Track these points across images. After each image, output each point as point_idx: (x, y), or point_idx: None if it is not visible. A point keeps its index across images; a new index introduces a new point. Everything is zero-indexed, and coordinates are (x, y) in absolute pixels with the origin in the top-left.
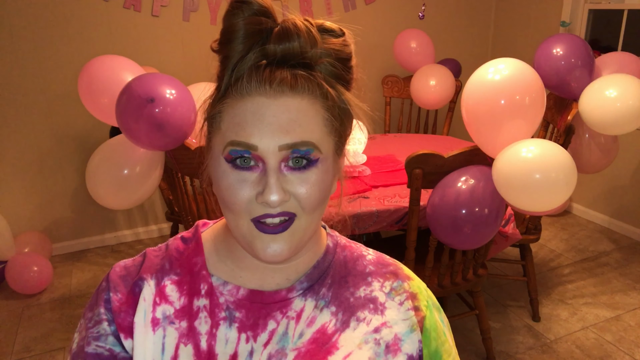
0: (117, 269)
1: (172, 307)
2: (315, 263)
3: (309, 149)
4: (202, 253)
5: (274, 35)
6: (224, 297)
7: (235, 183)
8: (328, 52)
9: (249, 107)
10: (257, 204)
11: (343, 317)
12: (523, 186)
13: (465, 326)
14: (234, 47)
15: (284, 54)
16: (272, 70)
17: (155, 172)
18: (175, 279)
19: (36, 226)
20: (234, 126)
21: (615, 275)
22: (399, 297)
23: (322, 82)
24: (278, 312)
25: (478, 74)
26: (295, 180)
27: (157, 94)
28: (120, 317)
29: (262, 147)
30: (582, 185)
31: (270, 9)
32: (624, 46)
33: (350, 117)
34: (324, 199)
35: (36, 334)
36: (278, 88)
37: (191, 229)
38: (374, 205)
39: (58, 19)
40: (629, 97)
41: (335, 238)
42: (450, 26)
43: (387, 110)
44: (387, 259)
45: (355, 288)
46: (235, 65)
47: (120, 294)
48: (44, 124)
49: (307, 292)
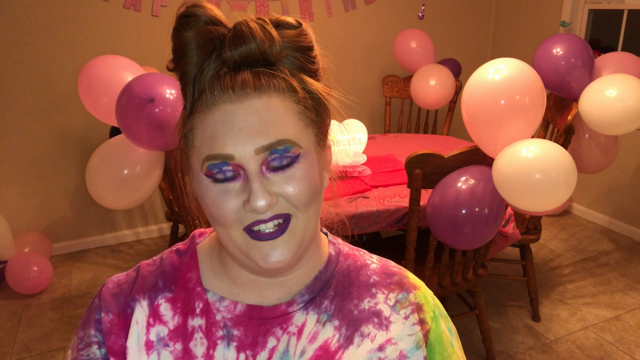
0: (109, 285)
1: (166, 328)
2: (317, 273)
3: (286, 147)
4: (197, 268)
5: (228, 41)
6: (220, 314)
7: (220, 196)
8: (287, 46)
9: (217, 117)
10: (245, 212)
11: (347, 332)
12: (523, 186)
13: (465, 326)
14: (188, 61)
15: (242, 56)
16: (233, 75)
17: (155, 172)
18: (169, 296)
19: (36, 226)
20: (207, 140)
21: (615, 275)
22: (404, 311)
23: (287, 77)
24: (278, 327)
25: (478, 74)
26: (280, 180)
27: (157, 94)
28: (111, 339)
29: (238, 155)
30: (582, 185)
31: (219, 17)
32: (624, 46)
33: (324, 107)
34: (315, 194)
35: (36, 334)
36: (242, 92)
37: (187, 240)
38: (374, 205)
39: (58, 19)
40: (629, 97)
41: (337, 246)
42: (450, 26)
43: (387, 110)
44: (391, 267)
45: (359, 300)
46: (195, 79)
47: (112, 314)
48: (44, 124)
49: (309, 305)
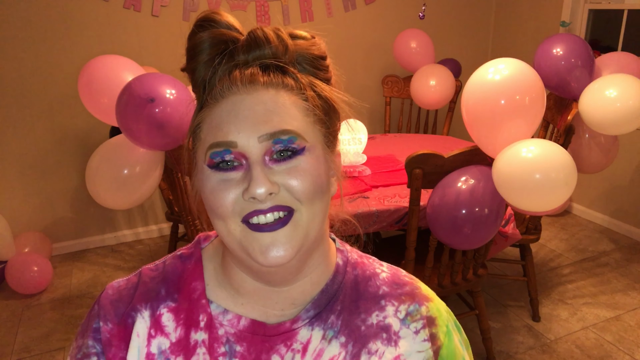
0: (109, 292)
1: (167, 340)
2: (324, 286)
3: (291, 137)
4: (202, 276)
5: (243, 45)
6: (223, 329)
7: (220, 184)
8: (300, 53)
9: (224, 108)
10: (244, 201)
11: (353, 349)
12: (523, 186)
13: (465, 326)
14: (200, 59)
15: (254, 60)
16: (242, 69)
17: (155, 172)
18: (172, 305)
19: (36, 226)
20: (212, 129)
21: (615, 275)
22: (415, 325)
23: (296, 76)
24: (282, 345)
25: (478, 74)
26: (283, 170)
27: (157, 94)
28: (111, 351)
29: (241, 142)
30: (582, 185)
31: (235, 24)
32: (624, 46)
33: (334, 109)
34: (321, 190)
35: (36, 334)
36: (250, 85)
37: (191, 244)
38: (374, 205)
39: (58, 19)
40: (629, 97)
41: (345, 254)
42: (450, 26)
43: (387, 110)
44: (402, 276)
45: (367, 314)
46: (206, 78)
47: (111, 323)
48: (44, 123)
49: (314, 321)
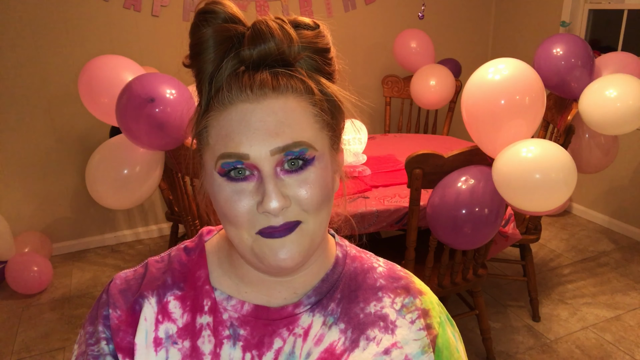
0: (117, 282)
1: (175, 326)
2: (324, 276)
3: (302, 149)
4: (206, 266)
5: (247, 39)
6: (227, 313)
7: (233, 195)
8: (305, 47)
9: (234, 116)
10: (259, 214)
11: (352, 335)
12: (523, 186)
13: (465, 326)
14: (205, 58)
15: (260, 56)
16: (251, 74)
17: (155, 172)
18: (179, 294)
19: (36, 226)
20: (222, 138)
21: (615, 275)
22: (410, 315)
23: (305, 78)
24: (284, 329)
25: (478, 74)
26: (294, 183)
27: (157, 94)
28: (119, 336)
29: (253, 155)
30: (582, 185)
31: (238, 15)
32: (624, 46)
33: (339, 109)
34: (327, 198)
35: (36, 334)
36: (260, 92)
37: (195, 237)
38: (374, 205)
39: (58, 19)
40: (629, 97)
41: (344, 248)
42: (450, 26)
43: (387, 110)
44: (398, 271)
45: (366, 303)
46: (211, 77)
47: (120, 310)
48: (44, 123)
49: (315, 308)
